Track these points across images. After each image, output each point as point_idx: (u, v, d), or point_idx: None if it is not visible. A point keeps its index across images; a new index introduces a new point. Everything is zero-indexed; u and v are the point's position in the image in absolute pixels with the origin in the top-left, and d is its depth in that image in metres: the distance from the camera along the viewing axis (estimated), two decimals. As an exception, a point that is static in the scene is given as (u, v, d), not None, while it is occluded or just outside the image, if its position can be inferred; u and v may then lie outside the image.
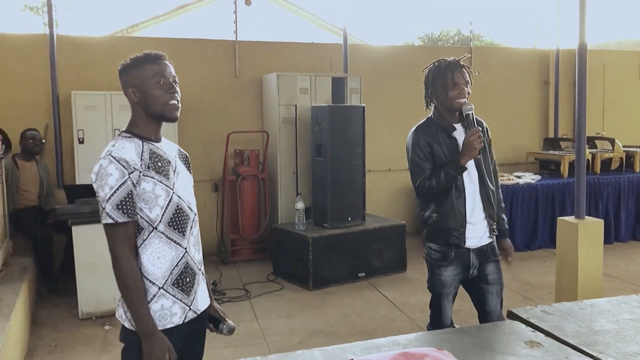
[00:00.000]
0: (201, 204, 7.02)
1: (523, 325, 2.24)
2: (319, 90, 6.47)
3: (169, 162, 1.99)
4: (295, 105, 6.37)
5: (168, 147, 2.07)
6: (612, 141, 7.31)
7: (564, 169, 6.97)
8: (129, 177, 1.85)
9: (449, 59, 2.81)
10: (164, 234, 1.93)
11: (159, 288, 1.92)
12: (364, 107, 5.95)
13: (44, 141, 5.70)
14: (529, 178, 6.84)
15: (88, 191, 4.80)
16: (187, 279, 1.98)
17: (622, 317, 2.32)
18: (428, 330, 2.98)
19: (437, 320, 2.94)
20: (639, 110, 8.75)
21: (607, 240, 5.99)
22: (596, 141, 7.58)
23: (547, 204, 6.76)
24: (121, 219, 1.85)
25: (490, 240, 2.89)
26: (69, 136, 5.99)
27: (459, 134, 2.80)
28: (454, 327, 2.92)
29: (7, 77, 6.02)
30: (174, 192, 1.95)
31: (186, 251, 1.98)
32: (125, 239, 1.87)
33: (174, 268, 1.94)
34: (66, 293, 5.09)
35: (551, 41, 8.55)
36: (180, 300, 1.95)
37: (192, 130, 6.47)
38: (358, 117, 5.84)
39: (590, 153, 6.94)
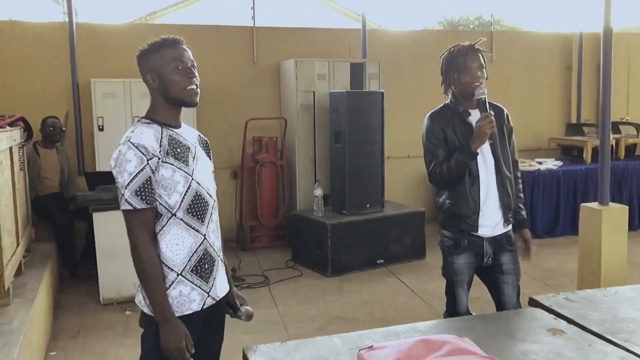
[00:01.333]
0: (220, 191, 7.04)
1: (545, 313, 2.21)
2: (337, 77, 6.42)
3: (189, 148, 1.98)
4: (314, 92, 6.34)
5: (188, 133, 2.05)
6: (636, 126, 7.17)
7: (587, 155, 6.85)
8: (148, 163, 1.84)
9: (463, 44, 2.78)
10: (183, 221, 1.92)
11: (178, 274, 1.92)
12: (382, 93, 5.89)
13: (64, 129, 5.75)
14: (550, 164, 6.74)
15: (108, 178, 4.82)
16: (206, 266, 1.97)
17: (648, 305, 2.28)
18: (445, 317, 2.97)
19: (453, 307, 2.93)
20: (664, 95, 8.54)
21: (631, 226, 5.88)
22: (620, 126, 7.43)
23: (569, 191, 6.66)
24: (140, 205, 1.84)
25: (506, 229, 2.84)
26: (89, 123, 6.04)
27: (475, 119, 2.75)
28: (470, 314, 2.90)
29: (27, 65, 6.08)
30: (193, 179, 1.94)
31: (205, 238, 1.97)
32: (144, 226, 1.86)
33: (192, 254, 1.94)
34: (88, 279, 5.16)
35: (574, 25, 8.38)
36: (198, 287, 1.95)
37: (210, 117, 6.48)
38: (377, 103, 5.79)
39: (614, 138, 6.81)
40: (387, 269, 5.55)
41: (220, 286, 2.06)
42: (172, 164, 1.89)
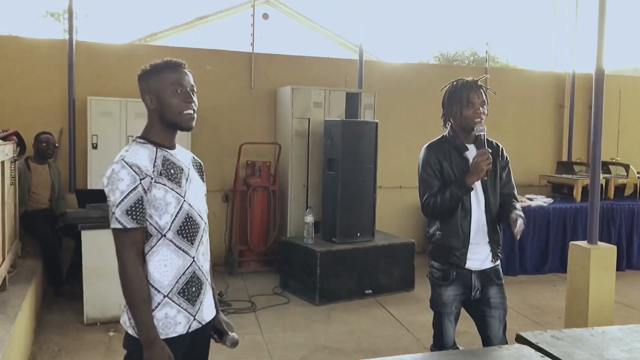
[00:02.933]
0: (210, 213, 7.00)
1: (532, 350, 2.20)
2: (333, 105, 6.48)
3: (182, 169, 1.98)
4: (309, 119, 6.38)
5: (182, 154, 2.06)
6: (626, 167, 7.24)
7: (577, 193, 6.90)
8: (141, 182, 1.84)
9: (467, 79, 2.82)
10: (173, 242, 1.91)
11: (164, 296, 1.90)
12: (377, 123, 5.94)
13: (57, 145, 5.73)
14: (541, 201, 6.77)
15: (99, 196, 4.81)
16: (193, 289, 1.96)
17: (635, 346, 2.27)
18: (431, 350, 2.96)
19: (440, 340, 2.92)
20: (654, 137, 8.67)
21: (619, 267, 5.89)
22: (610, 166, 7.51)
23: (558, 228, 6.68)
24: (130, 224, 1.83)
25: (494, 264, 2.88)
26: (83, 141, 6.03)
27: (472, 154, 2.80)
28: (457, 348, 2.89)
29: (25, 80, 6.09)
30: (184, 200, 1.93)
31: (194, 260, 1.96)
32: (133, 245, 1.85)
33: (180, 276, 1.92)
34: (72, 297, 5.09)
35: (567, 64, 8.53)
36: (185, 310, 1.93)
37: (205, 139, 6.49)
38: (371, 132, 5.83)
39: (604, 178, 6.87)
40: (375, 299, 5.51)
41: (207, 310, 2.04)
42: (165, 185, 1.89)
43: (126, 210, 1.83)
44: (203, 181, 2.14)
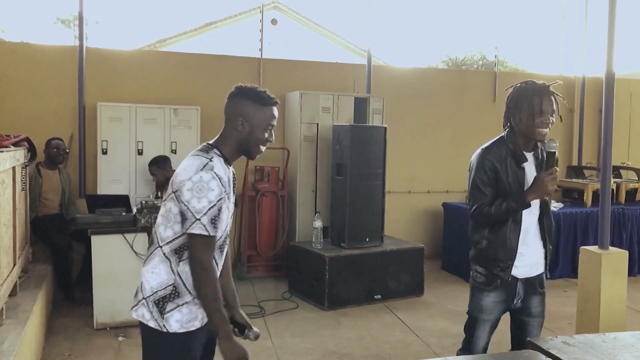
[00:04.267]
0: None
1: (543, 356, 2.18)
2: (341, 110, 6.49)
3: (233, 189, 2.15)
4: (317, 124, 6.39)
5: (230, 171, 2.15)
6: (637, 171, 7.18)
7: (588, 198, 6.85)
8: (225, 196, 1.99)
9: (539, 82, 2.65)
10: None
11: (193, 297, 2.03)
12: (385, 127, 5.94)
13: (67, 151, 5.78)
14: (551, 206, 6.72)
15: (109, 201, 4.89)
16: None
17: (647, 353, 2.25)
18: (458, 354, 2.89)
19: (468, 346, 2.84)
20: (665, 141, 8.59)
21: (631, 272, 5.84)
22: (621, 171, 7.45)
23: (569, 233, 6.63)
24: (213, 232, 1.97)
25: (541, 272, 2.82)
26: (93, 146, 6.07)
27: (529, 165, 2.69)
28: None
29: (36, 86, 6.15)
30: (229, 218, 2.10)
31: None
32: (212, 251, 2.00)
33: None
34: (82, 302, 5.11)
35: (577, 68, 8.48)
36: (199, 306, 2.06)
37: (213, 145, 6.51)
38: (379, 137, 5.83)
39: (614, 182, 6.82)
40: (384, 304, 5.49)
41: None
42: (227, 205, 2.04)
43: (212, 219, 1.95)
44: (233, 193, 2.22)
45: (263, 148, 2.10)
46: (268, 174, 6.43)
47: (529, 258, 2.74)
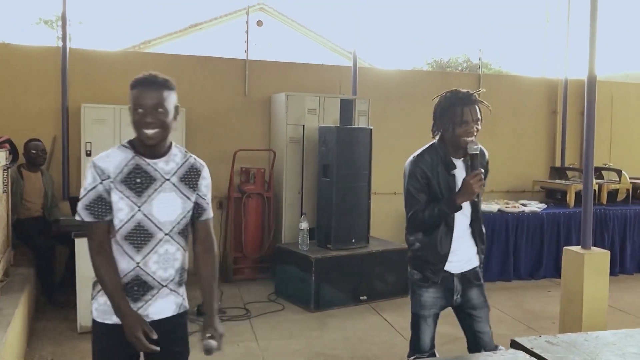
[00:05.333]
0: (205, 220, 6.97)
1: (527, 355, 2.20)
2: (327, 112, 6.50)
3: (154, 180, 2.08)
4: (303, 125, 6.40)
5: (166, 164, 2.12)
6: (619, 172, 7.28)
7: (571, 199, 6.93)
8: (101, 183, 2.02)
9: (462, 91, 2.71)
10: (119, 244, 2.07)
11: None
12: (371, 129, 5.96)
13: (47, 152, 5.71)
14: (534, 206, 6.80)
15: (93, 204, 4.84)
16: (136, 288, 2.09)
17: (628, 351, 2.28)
18: (408, 357, 2.94)
19: (416, 344, 2.90)
20: (646, 143, 8.73)
21: (612, 272, 5.92)
22: (603, 172, 7.55)
23: (552, 233, 6.71)
24: (88, 218, 2.04)
25: (474, 266, 2.89)
26: (76, 148, 6.01)
27: (459, 171, 2.75)
28: (434, 353, 2.90)
29: (18, 87, 6.08)
30: (139, 210, 2.05)
31: (138, 265, 2.07)
32: (96, 236, 2.05)
33: (124, 276, 2.08)
34: (66, 306, 5.06)
35: (559, 71, 8.58)
36: None
37: (199, 146, 6.47)
38: (365, 139, 5.85)
39: (597, 183, 6.91)
40: (370, 305, 5.51)
41: (156, 310, 2.13)
42: (122, 192, 2.03)
43: (86, 205, 2.03)
44: (194, 190, 2.20)
45: (147, 132, 2.01)
46: (254, 175, 6.41)
47: (462, 254, 2.82)
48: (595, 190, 6.73)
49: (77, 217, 2.05)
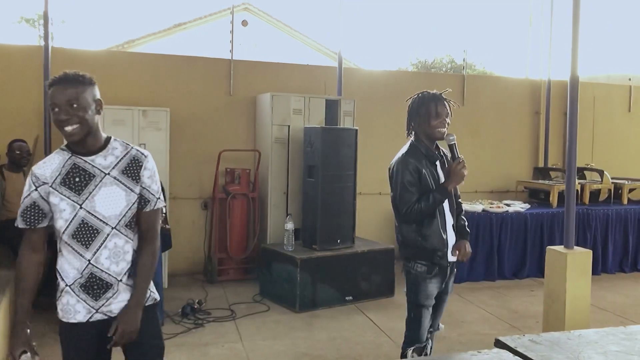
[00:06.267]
0: (189, 221, 6.96)
1: (511, 354, 2.22)
2: (313, 112, 6.50)
3: (93, 176, 2.11)
4: (289, 126, 6.39)
5: (105, 159, 2.14)
6: (601, 172, 7.37)
7: (554, 199, 7.00)
8: (37, 189, 2.07)
9: (432, 91, 3.06)
10: (68, 244, 2.11)
11: (67, 285, 2.13)
12: (356, 129, 5.97)
13: (31, 153, 5.64)
14: (518, 206, 6.86)
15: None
16: (95, 287, 2.12)
17: (610, 349, 2.31)
18: (404, 349, 3.11)
19: (415, 335, 3.07)
20: (627, 143, 8.86)
21: (595, 271, 6.00)
22: (585, 172, 7.65)
23: (536, 233, 6.77)
24: (21, 224, 2.10)
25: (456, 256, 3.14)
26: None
27: (438, 163, 3.08)
28: (429, 340, 3.14)
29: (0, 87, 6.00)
30: (81, 208, 2.08)
31: (89, 262, 2.10)
32: (27, 242, 2.12)
33: (80, 274, 2.12)
34: (48, 308, 4.97)
35: (543, 72, 8.67)
36: (84, 301, 2.13)
37: (184, 146, 6.45)
38: (351, 139, 5.85)
39: (579, 183, 6.99)
40: (355, 305, 5.52)
41: (118, 306, 2.17)
42: (61, 193, 2.07)
43: (21, 212, 2.08)
44: (137, 181, 2.17)
45: (67, 128, 2.04)
46: (239, 176, 6.39)
47: (452, 242, 3.08)
48: (577, 191, 6.80)
49: (15, 224, 2.11)
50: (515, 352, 2.24)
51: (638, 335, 2.45)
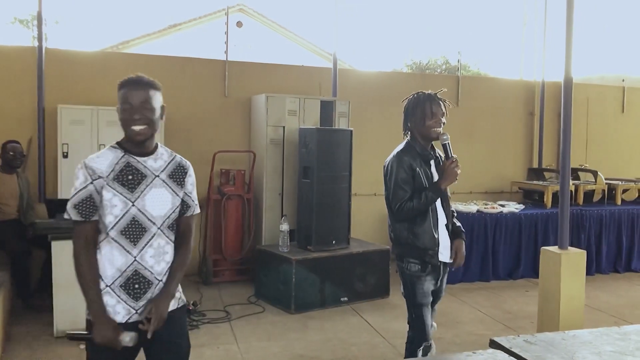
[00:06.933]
0: (185, 222, 6.90)
1: (506, 355, 2.23)
2: (308, 113, 6.49)
3: (145, 176, 2.17)
4: (284, 127, 6.38)
5: (155, 161, 2.22)
6: (594, 173, 7.40)
7: (548, 199, 7.03)
8: (92, 183, 2.09)
9: (427, 92, 3.09)
10: (115, 240, 2.12)
11: (106, 285, 2.12)
12: (351, 130, 5.97)
13: (25, 154, 5.62)
14: (512, 207, 6.88)
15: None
16: (136, 286, 2.14)
17: (604, 349, 2.32)
18: (407, 348, 3.15)
19: (422, 333, 3.08)
20: (621, 144, 8.90)
21: (589, 271, 6.02)
22: (579, 173, 7.67)
23: (530, 234, 6.79)
24: (76, 217, 2.09)
25: (449, 256, 3.15)
26: (53, 150, 5.92)
27: (432, 162, 3.11)
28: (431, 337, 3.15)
29: (-7, 88, 5.97)
30: (133, 205, 2.12)
31: (135, 259, 2.13)
32: (82, 235, 2.10)
33: (123, 272, 2.12)
34: (42, 310, 4.97)
35: (537, 73, 8.71)
36: (124, 302, 2.13)
37: (178, 147, 6.34)
38: (346, 140, 5.86)
39: (573, 184, 7.01)
40: (350, 306, 5.52)
41: None
42: (114, 189, 2.10)
43: (75, 204, 2.08)
44: (182, 187, 2.28)
45: (136, 128, 2.12)
46: (234, 177, 6.38)
47: (444, 244, 3.09)
48: (571, 191, 6.83)
49: (65, 216, 2.10)
50: (510, 353, 2.24)
51: (632, 335, 2.46)
